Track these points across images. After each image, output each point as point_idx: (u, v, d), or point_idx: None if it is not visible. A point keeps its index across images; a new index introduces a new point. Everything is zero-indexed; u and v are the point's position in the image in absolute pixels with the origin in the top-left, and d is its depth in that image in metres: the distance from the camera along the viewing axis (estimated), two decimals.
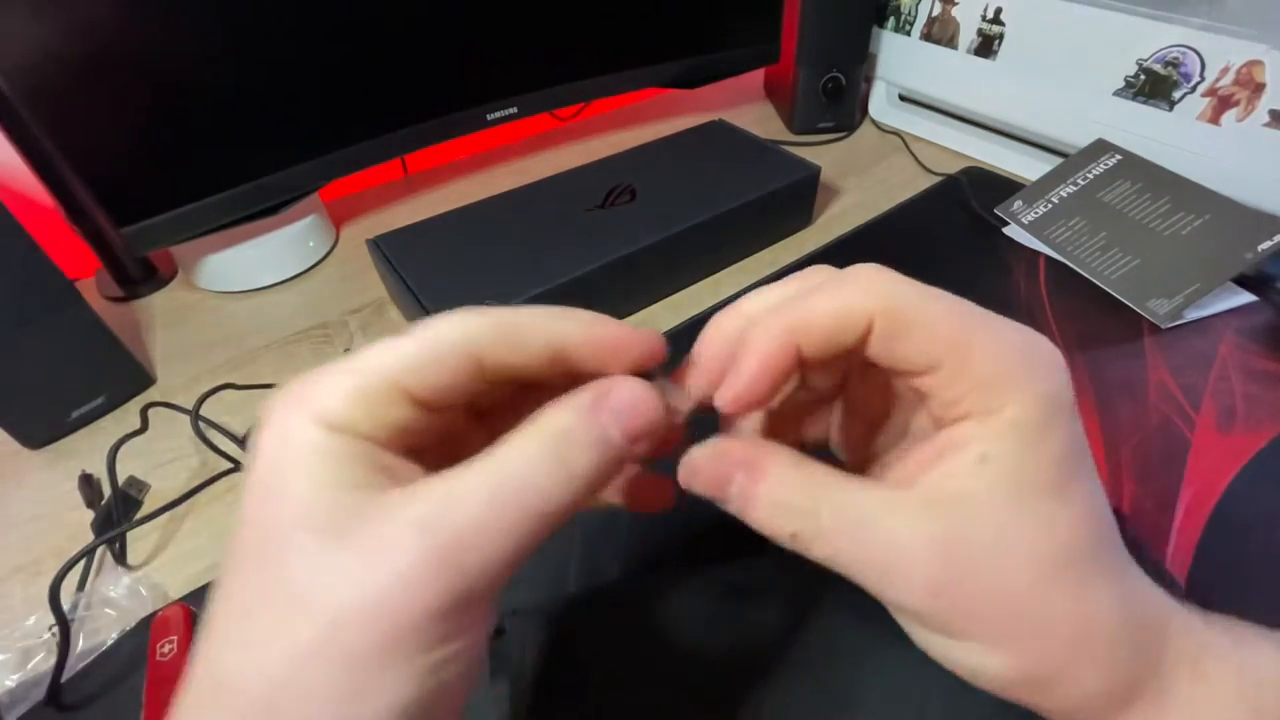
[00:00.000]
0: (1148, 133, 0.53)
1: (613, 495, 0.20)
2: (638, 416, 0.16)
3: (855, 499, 0.16)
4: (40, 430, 0.39)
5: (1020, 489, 0.15)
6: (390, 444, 0.15)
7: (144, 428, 0.38)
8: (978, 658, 0.16)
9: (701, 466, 0.18)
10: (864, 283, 0.16)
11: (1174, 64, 0.50)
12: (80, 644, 0.30)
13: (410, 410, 0.15)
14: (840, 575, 0.17)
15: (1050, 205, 0.54)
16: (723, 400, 0.17)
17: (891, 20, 0.67)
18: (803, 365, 0.16)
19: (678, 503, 0.20)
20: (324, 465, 0.13)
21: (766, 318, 0.16)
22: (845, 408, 0.21)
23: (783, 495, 0.16)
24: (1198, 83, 0.49)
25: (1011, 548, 0.15)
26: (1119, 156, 0.53)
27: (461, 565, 0.13)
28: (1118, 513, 0.32)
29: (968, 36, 0.62)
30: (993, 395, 0.15)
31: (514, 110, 0.57)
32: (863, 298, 0.16)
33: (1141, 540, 0.32)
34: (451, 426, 0.17)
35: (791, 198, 0.54)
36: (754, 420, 0.21)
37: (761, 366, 0.16)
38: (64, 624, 0.28)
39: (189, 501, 0.35)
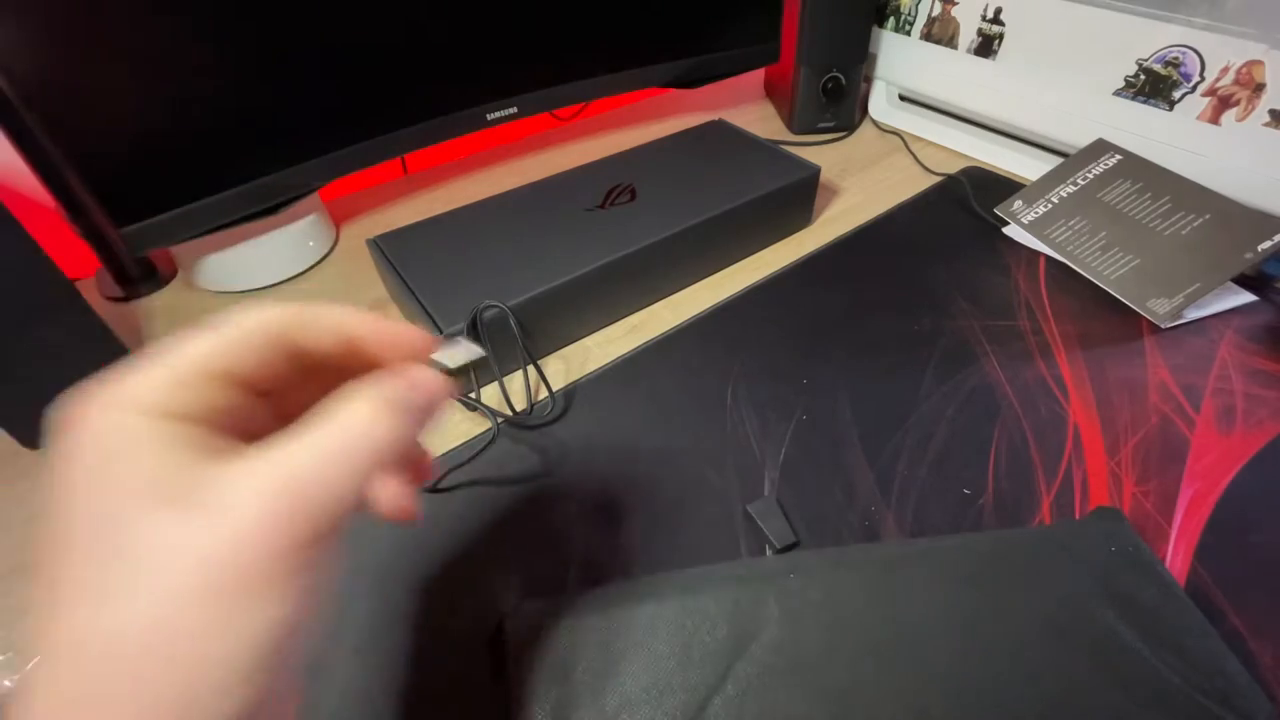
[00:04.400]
0: (1148, 133, 0.53)
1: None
2: (437, 390, 0.19)
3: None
4: (39, 430, 0.39)
5: None
6: (216, 425, 0.16)
7: None
8: None
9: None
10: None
11: (1174, 64, 0.50)
12: None
13: (228, 392, 0.17)
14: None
15: (1050, 205, 0.54)
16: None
17: (891, 20, 0.67)
18: None
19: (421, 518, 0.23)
20: (155, 448, 0.15)
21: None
22: None
23: None
24: (1198, 82, 0.49)
25: None
26: (1119, 156, 0.53)
27: (304, 511, 0.15)
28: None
29: (968, 36, 0.62)
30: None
31: (514, 110, 0.57)
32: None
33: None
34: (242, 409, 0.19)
35: (791, 198, 0.54)
36: None
37: None
38: None
39: None
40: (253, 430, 0.17)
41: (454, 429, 0.40)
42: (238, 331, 0.17)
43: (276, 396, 0.19)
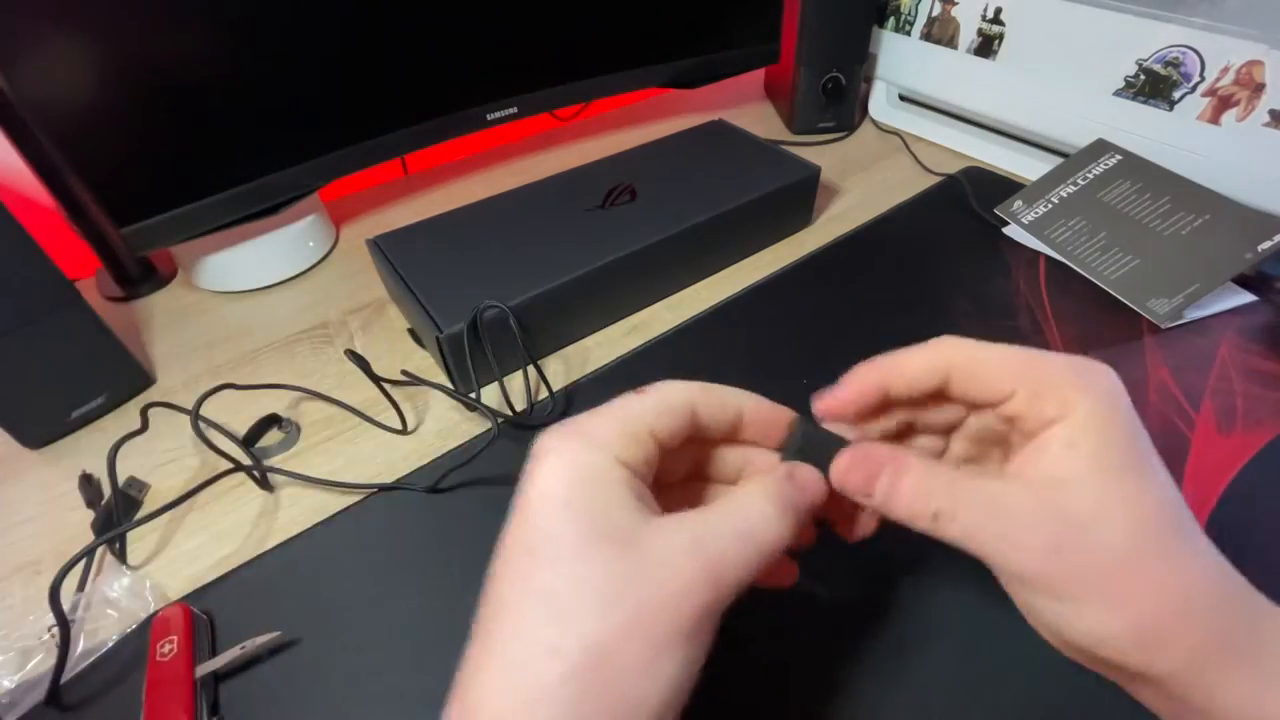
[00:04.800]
0: (1148, 133, 0.53)
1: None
2: (818, 489, 0.21)
3: (981, 485, 0.19)
4: (40, 430, 0.39)
5: (1107, 466, 0.18)
6: (645, 479, 0.19)
7: (144, 428, 0.38)
8: (1092, 618, 0.18)
9: (853, 464, 0.21)
10: (940, 343, 0.23)
11: (1174, 64, 0.50)
12: (80, 644, 0.29)
13: (654, 449, 0.20)
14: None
15: (1050, 205, 0.54)
16: (817, 405, 0.23)
17: (891, 20, 0.67)
18: (891, 401, 0.23)
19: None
20: (613, 486, 0.18)
21: (867, 363, 0.23)
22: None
23: (925, 485, 0.19)
24: (1198, 83, 0.49)
25: (1108, 515, 0.18)
26: (1119, 156, 0.53)
27: (719, 582, 0.17)
28: None
29: (968, 36, 0.62)
30: (1066, 399, 0.19)
31: (514, 110, 0.57)
32: (935, 350, 0.22)
33: None
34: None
35: (791, 198, 0.54)
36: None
37: (851, 390, 0.22)
38: (64, 624, 0.28)
39: (189, 501, 0.35)
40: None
41: (454, 429, 0.40)
42: (668, 400, 0.20)
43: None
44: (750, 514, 0.19)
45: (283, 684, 0.28)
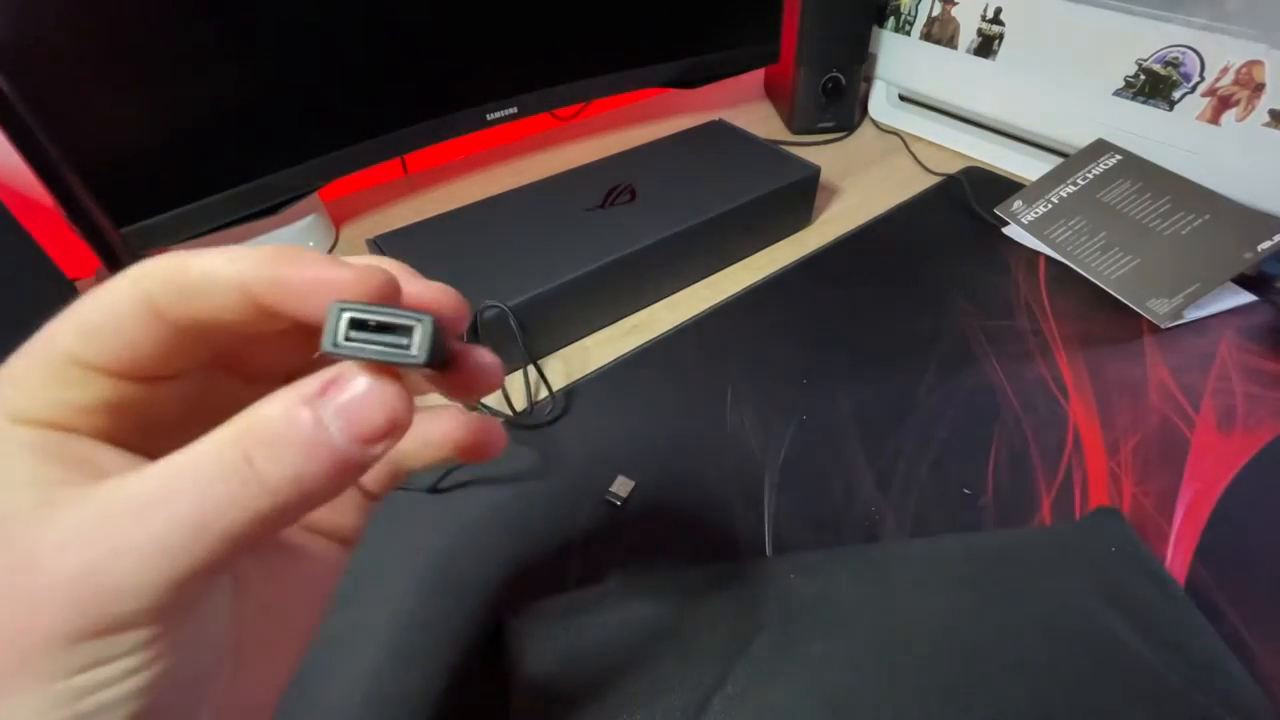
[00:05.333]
0: (1148, 133, 0.53)
1: (436, 450, 0.18)
2: (368, 411, 0.12)
3: None
4: None
5: None
6: (98, 424, 0.13)
7: None
8: None
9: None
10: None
11: (1174, 64, 0.50)
12: None
13: (104, 384, 0.13)
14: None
15: (1050, 205, 0.54)
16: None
17: (891, 20, 0.67)
18: None
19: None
20: (15, 464, 0.12)
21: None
22: None
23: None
24: (1198, 83, 0.49)
25: None
26: (1119, 156, 0.53)
27: (100, 590, 0.11)
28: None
29: (968, 36, 0.62)
30: None
31: (514, 110, 0.57)
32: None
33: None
34: (213, 393, 0.15)
35: (791, 198, 0.54)
36: None
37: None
38: None
39: None
40: (189, 425, 0.13)
41: None
42: (102, 308, 0.12)
43: (237, 367, 0.15)
44: (181, 479, 0.11)
45: None
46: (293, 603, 0.17)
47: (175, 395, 0.14)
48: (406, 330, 0.13)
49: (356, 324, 0.13)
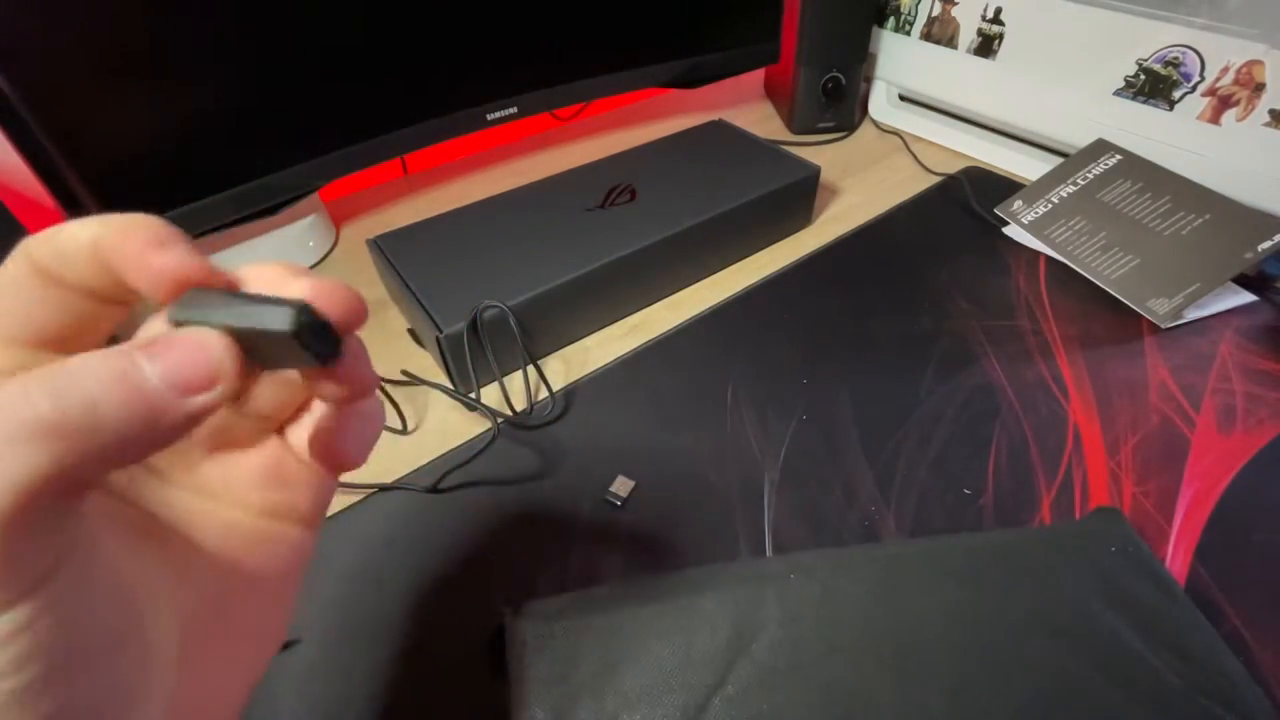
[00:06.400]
0: (1148, 133, 0.53)
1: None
2: (188, 358, 0.12)
3: None
4: None
5: None
6: None
7: None
8: None
9: None
10: None
11: (1174, 64, 0.50)
12: None
13: (12, 353, 0.13)
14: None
15: (1050, 205, 0.54)
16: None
17: (891, 20, 0.67)
18: None
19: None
20: None
21: None
22: None
23: None
24: (1198, 82, 0.49)
25: None
26: (1119, 156, 0.53)
27: None
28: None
29: (968, 36, 0.62)
30: None
31: (514, 110, 0.57)
32: None
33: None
34: None
35: (791, 198, 0.54)
36: None
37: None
38: None
39: None
40: None
41: (454, 429, 0.40)
42: (0, 280, 0.13)
43: None
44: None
45: (281, 684, 0.28)
46: (253, 593, 0.17)
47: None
48: (274, 305, 0.13)
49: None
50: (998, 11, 0.59)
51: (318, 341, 0.13)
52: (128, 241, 0.13)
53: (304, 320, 0.13)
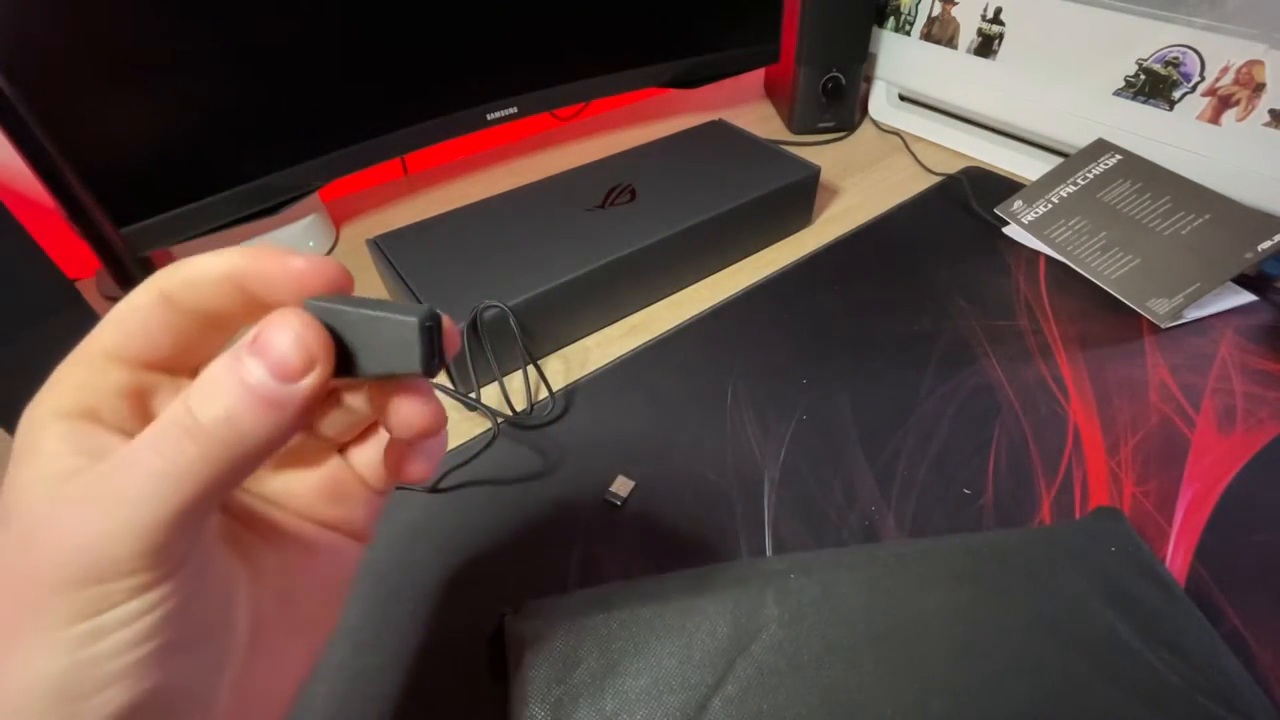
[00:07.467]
0: (1148, 133, 0.53)
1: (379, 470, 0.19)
2: (286, 346, 0.14)
3: None
4: None
5: None
6: (123, 412, 0.15)
7: None
8: None
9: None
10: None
11: (1174, 64, 0.50)
12: None
13: (131, 373, 0.15)
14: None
15: (1050, 205, 0.54)
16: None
17: (891, 20, 0.67)
18: None
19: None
20: (44, 452, 0.14)
21: None
22: None
23: None
24: (1198, 82, 0.49)
25: None
26: (1119, 156, 0.53)
27: (89, 540, 0.13)
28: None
29: (968, 36, 0.62)
30: None
31: (514, 110, 0.57)
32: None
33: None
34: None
35: (791, 198, 0.54)
36: None
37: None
38: None
39: None
40: None
41: (454, 429, 0.40)
42: (127, 306, 0.15)
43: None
44: (163, 436, 0.13)
45: None
46: (310, 595, 0.18)
47: (179, 388, 0.16)
48: (403, 308, 0.14)
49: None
50: (998, 11, 0.59)
51: (430, 345, 0.14)
52: (264, 258, 0.15)
53: (433, 319, 0.14)
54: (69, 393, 0.14)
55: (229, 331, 0.16)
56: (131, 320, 0.15)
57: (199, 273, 0.15)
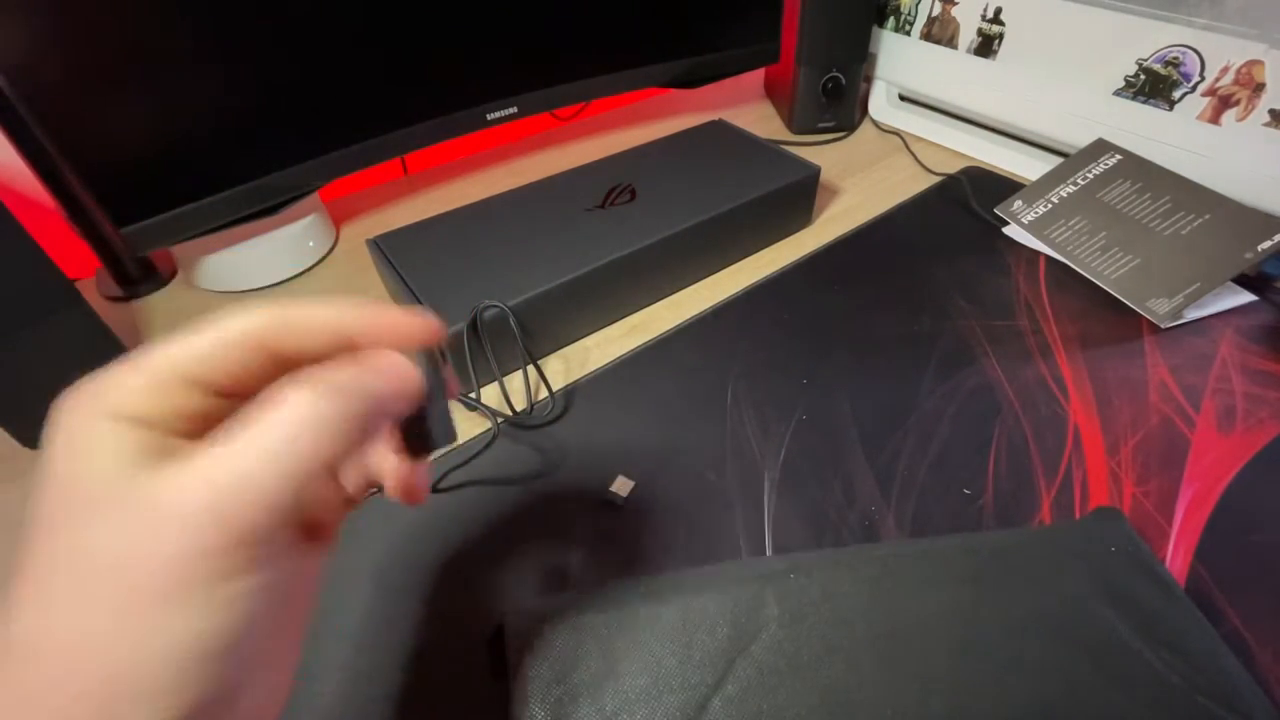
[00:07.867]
0: (1148, 133, 0.53)
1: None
2: (397, 375, 0.18)
3: None
4: (40, 431, 0.39)
5: None
6: (180, 428, 0.16)
7: None
8: None
9: None
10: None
11: (1174, 64, 0.50)
12: None
13: (199, 397, 0.16)
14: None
15: (1050, 205, 0.54)
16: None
17: (891, 20, 0.67)
18: None
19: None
20: (114, 453, 0.15)
21: None
22: None
23: None
24: (1198, 82, 0.49)
25: None
26: (1119, 156, 0.53)
27: (237, 509, 0.14)
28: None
29: (968, 36, 0.62)
30: None
31: (514, 110, 0.57)
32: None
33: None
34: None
35: (791, 198, 0.54)
36: None
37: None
38: None
39: None
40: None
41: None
42: (217, 338, 0.16)
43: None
44: (277, 414, 0.15)
45: None
46: (298, 596, 0.19)
47: (230, 409, 0.17)
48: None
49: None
50: (998, 11, 0.59)
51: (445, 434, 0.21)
52: (380, 320, 0.18)
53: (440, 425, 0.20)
54: (128, 398, 0.15)
55: (284, 371, 0.18)
56: (219, 353, 0.16)
57: (306, 322, 0.17)
